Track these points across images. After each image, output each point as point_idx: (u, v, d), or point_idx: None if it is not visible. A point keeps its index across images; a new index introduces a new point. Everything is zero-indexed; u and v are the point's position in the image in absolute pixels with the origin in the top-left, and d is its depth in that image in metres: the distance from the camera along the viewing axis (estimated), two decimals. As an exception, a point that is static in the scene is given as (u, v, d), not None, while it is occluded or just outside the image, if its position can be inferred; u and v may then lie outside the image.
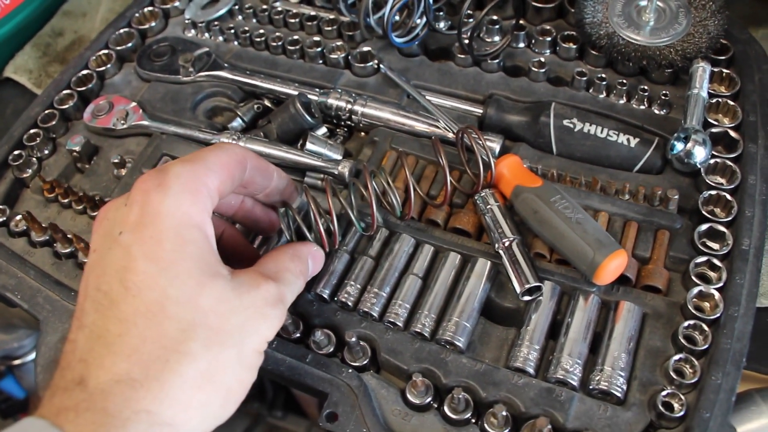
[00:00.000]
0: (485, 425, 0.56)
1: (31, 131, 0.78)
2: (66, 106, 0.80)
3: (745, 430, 0.59)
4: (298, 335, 0.62)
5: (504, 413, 0.55)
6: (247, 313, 0.48)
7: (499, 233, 0.63)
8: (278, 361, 0.60)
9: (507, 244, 0.62)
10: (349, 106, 0.75)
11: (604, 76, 0.75)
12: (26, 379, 1.39)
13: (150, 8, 0.89)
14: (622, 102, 0.75)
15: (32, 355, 1.31)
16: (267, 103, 0.80)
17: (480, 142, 0.65)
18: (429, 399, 0.57)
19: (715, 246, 0.64)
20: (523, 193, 0.63)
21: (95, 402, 0.42)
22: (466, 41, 0.77)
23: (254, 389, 0.49)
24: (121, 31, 0.87)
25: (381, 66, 0.78)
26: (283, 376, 0.60)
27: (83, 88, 0.82)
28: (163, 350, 0.44)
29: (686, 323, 0.58)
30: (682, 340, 0.58)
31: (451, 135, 0.72)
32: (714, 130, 0.70)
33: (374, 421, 0.56)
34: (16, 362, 1.31)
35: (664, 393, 0.55)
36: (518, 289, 0.60)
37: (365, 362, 0.60)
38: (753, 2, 0.91)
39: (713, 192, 0.66)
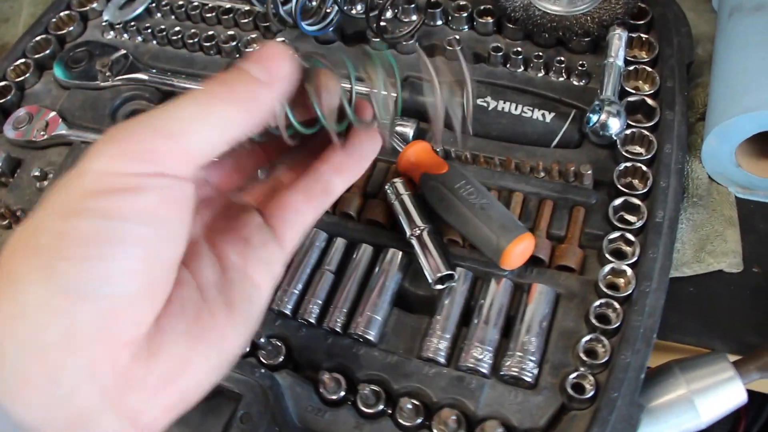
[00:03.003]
0: (397, 417, 0.56)
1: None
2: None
3: (662, 401, 0.59)
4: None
5: (410, 405, 0.54)
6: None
7: (409, 223, 0.62)
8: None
9: (417, 233, 0.62)
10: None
11: (520, 50, 0.73)
12: None
13: (67, 12, 0.88)
14: (540, 75, 0.73)
15: None
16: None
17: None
18: (342, 394, 0.57)
19: (633, 219, 0.63)
20: (429, 181, 0.62)
21: None
22: (382, 24, 0.75)
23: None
24: (39, 38, 0.85)
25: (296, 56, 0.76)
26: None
27: (2, 100, 0.81)
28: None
29: (597, 302, 0.58)
30: (593, 320, 0.57)
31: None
32: (631, 99, 0.69)
33: (286, 419, 0.56)
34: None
35: (573, 375, 0.55)
36: (430, 278, 0.60)
37: (280, 360, 0.60)
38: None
39: (629, 164, 0.65)
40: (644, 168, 0.64)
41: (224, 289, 0.41)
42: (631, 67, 0.71)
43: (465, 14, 0.77)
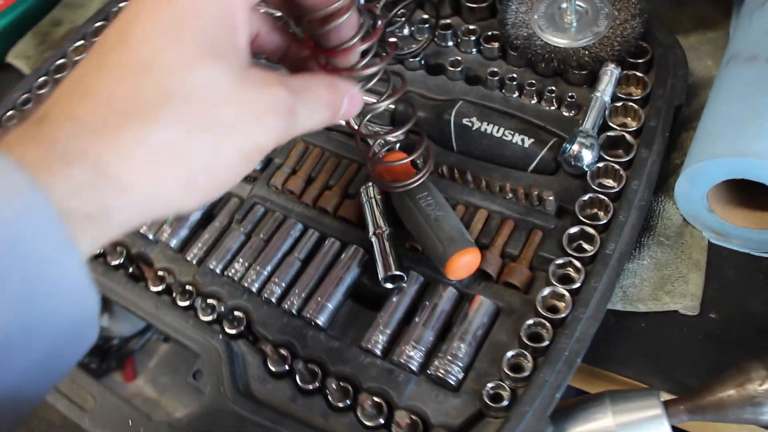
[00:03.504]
0: (328, 395, 0.61)
1: (9, 113, 0.90)
2: (43, 92, 0.91)
3: (587, 429, 0.61)
4: (188, 303, 0.69)
5: (334, 386, 0.60)
6: (241, 108, 0.44)
7: (373, 224, 0.68)
8: (165, 323, 0.68)
9: (378, 233, 0.67)
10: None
11: (514, 76, 0.77)
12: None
13: (130, 2, 0.99)
14: (533, 102, 0.77)
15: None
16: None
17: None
18: (285, 368, 0.63)
19: (589, 248, 0.65)
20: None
21: (45, 135, 0.39)
22: (393, 40, 0.81)
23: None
24: (99, 23, 0.97)
25: (310, 62, 0.83)
26: (169, 335, 0.68)
27: (59, 75, 0.92)
28: (131, 108, 0.41)
29: (530, 321, 0.61)
30: (524, 337, 0.60)
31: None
32: (611, 133, 0.71)
33: (231, 382, 0.63)
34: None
35: (491, 385, 0.59)
36: (380, 276, 0.65)
37: (241, 330, 0.67)
38: (706, 4, 0.88)
39: (594, 195, 0.67)
40: (608, 201, 0.66)
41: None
42: (620, 103, 0.73)
43: (473, 38, 0.81)
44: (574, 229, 0.65)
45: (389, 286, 0.65)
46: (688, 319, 0.67)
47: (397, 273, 0.64)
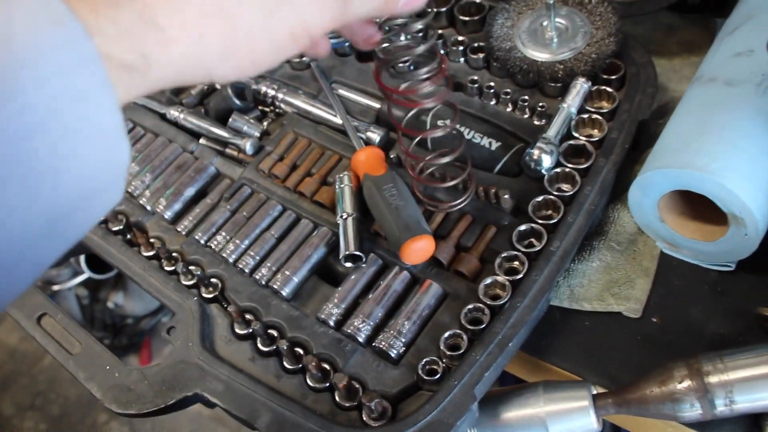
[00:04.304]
0: (283, 359, 0.68)
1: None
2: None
3: (518, 414, 0.64)
4: (173, 268, 0.77)
5: (285, 347, 0.65)
6: None
7: (341, 208, 0.74)
8: (149, 284, 0.76)
9: (345, 217, 0.73)
10: (272, 92, 0.88)
11: (492, 84, 0.82)
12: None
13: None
14: (508, 110, 0.82)
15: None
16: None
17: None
18: (248, 331, 0.70)
19: (537, 244, 0.70)
20: (366, 180, 0.74)
21: None
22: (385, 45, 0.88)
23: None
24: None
25: (311, 64, 0.91)
26: (151, 294, 0.75)
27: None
28: None
29: (470, 306, 0.66)
30: (463, 320, 0.65)
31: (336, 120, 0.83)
32: (572, 142, 0.75)
33: (200, 339, 0.70)
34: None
35: (425, 360, 0.64)
36: (341, 254, 0.71)
37: (215, 295, 0.74)
38: (695, 29, 0.92)
39: (548, 197, 0.72)
40: (560, 203, 0.71)
41: None
42: (587, 115, 0.77)
43: (461, 48, 0.87)
44: (523, 227, 0.70)
45: (349, 264, 0.71)
46: (630, 321, 0.70)
47: (356, 253, 0.70)
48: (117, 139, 0.38)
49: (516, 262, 0.69)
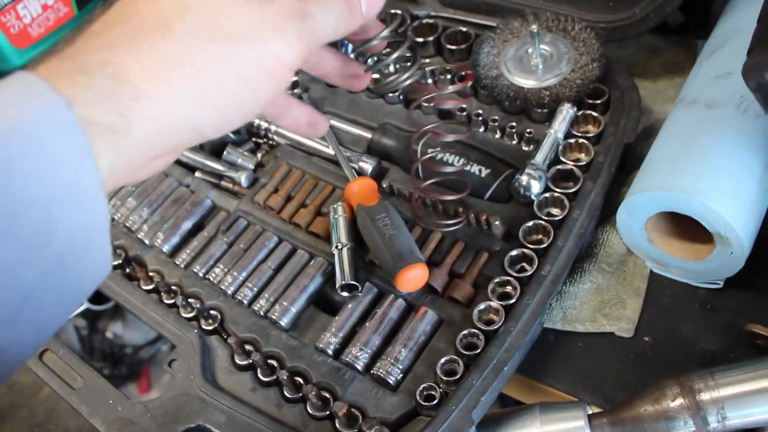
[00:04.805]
0: (284, 388, 0.69)
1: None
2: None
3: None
4: (172, 301, 0.78)
5: (285, 376, 0.66)
6: (252, 17, 0.46)
7: (337, 238, 0.75)
8: (149, 317, 0.77)
9: (340, 247, 0.74)
10: (266, 124, 0.90)
11: (480, 112, 0.84)
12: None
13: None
14: (497, 137, 0.84)
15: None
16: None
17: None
18: (249, 361, 0.71)
19: (529, 269, 0.71)
20: (360, 210, 0.75)
21: (69, 53, 0.43)
22: (376, 76, 0.90)
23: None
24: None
25: (303, 96, 0.93)
26: (150, 325, 0.76)
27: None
28: (150, 23, 0.44)
29: (464, 331, 0.67)
30: (458, 345, 0.67)
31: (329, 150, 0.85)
32: (560, 167, 0.77)
33: (201, 370, 0.71)
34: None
35: (423, 386, 0.65)
36: (337, 284, 0.72)
37: (215, 326, 0.75)
38: (678, 50, 0.94)
39: (538, 222, 0.73)
40: (550, 227, 0.72)
41: None
42: (573, 140, 0.79)
43: (449, 76, 0.89)
44: (515, 252, 0.71)
45: (345, 294, 0.73)
46: (623, 340, 0.72)
47: (352, 282, 0.72)
48: (96, 199, 0.40)
49: (509, 287, 0.70)
